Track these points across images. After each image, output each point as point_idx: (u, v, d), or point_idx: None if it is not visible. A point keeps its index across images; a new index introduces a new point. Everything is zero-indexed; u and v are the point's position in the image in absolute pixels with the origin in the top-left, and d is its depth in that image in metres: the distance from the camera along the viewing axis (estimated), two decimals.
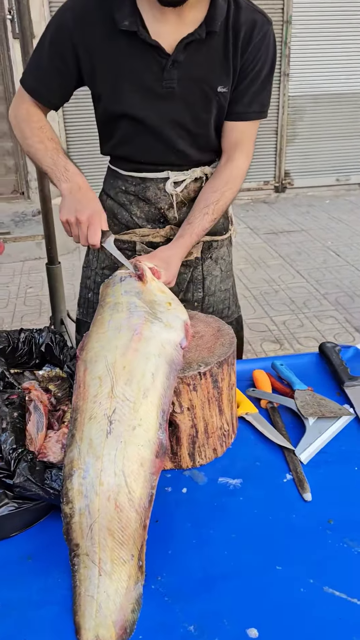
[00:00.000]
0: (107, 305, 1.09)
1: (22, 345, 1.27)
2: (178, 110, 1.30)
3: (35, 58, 1.32)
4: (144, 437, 0.82)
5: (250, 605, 0.78)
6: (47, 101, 1.34)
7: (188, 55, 1.25)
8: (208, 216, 1.35)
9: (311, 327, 3.39)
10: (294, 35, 5.53)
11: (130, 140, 1.35)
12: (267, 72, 1.34)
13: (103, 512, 0.76)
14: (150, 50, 1.24)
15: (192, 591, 0.81)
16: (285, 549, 0.87)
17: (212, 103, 1.31)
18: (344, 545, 0.88)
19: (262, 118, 1.39)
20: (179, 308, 1.10)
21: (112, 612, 0.73)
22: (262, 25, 1.28)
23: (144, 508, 0.77)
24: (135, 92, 1.27)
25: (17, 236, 4.82)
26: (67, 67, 1.28)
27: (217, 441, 1.07)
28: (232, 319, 1.60)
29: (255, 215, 5.61)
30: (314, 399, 1.20)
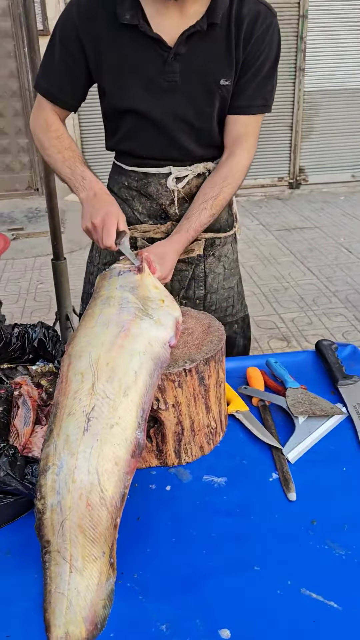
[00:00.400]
0: (100, 298, 1.08)
1: (15, 340, 1.27)
2: (181, 104, 1.30)
3: (46, 59, 1.33)
4: (121, 435, 0.82)
5: (225, 606, 0.77)
6: (62, 102, 1.35)
7: (190, 48, 1.24)
8: (206, 211, 1.33)
9: (320, 324, 3.35)
10: (310, 29, 5.46)
11: (133, 134, 1.35)
12: (271, 65, 1.32)
13: (74, 510, 0.75)
14: (152, 44, 1.23)
15: (168, 590, 0.80)
16: (265, 550, 0.86)
17: (215, 96, 1.30)
18: (325, 547, 0.86)
19: (266, 112, 1.37)
20: (172, 305, 1.08)
21: (82, 609, 0.73)
22: (265, 17, 1.26)
23: (116, 507, 0.77)
24: (138, 86, 1.27)
25: (29, 232, 4.86)
26: (76, 64, 1.28)
27: (203, 439, 1.06)
28: (237, 317, 1.58)
29: (269, 211, 5.56)
30: (306, 398, 1.18)
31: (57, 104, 1.35)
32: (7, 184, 5.64)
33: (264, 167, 5.96)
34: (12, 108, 5.35)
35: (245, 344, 1.63)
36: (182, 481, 1.01)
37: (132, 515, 0.93)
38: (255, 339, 3.21)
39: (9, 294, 3.86)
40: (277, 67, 1.35)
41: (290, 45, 5.49)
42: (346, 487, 0.98)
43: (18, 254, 4.54)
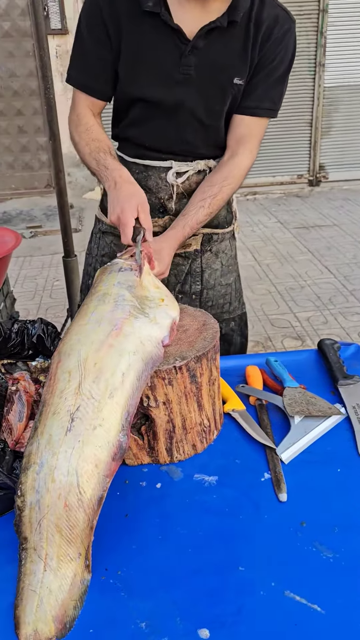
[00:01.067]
0: (96, 294, 1.08)
1: (14, 336, 1.29)
2: (192, 98, 1.29)
3: (75, 51, 1.33)
4: (103, 438, 0.81)
5: (206, 605, 0.77)
6: (96, 92, 1.33)
7: (208, 43, 1.24)
8: (204, 209, 1.33)
9: (335, 324, 3.30)
10: (330, 24, 5.37)
11: (140, 122, 1.34)
12: (284, 71, 1.32)
13: (52, 509, 0.75)
14: (171, 34, 1.23)
15: (150, 587, 0.80)
16: (251, 550, 0.85)
17: (227, 94, 1.30)
18: (313, 549, 0.84)
19: (272, 117, 1.37)
20: (171, 305, 1.07)
21: (52, 608, 0.73)
22: (284, 22, 1.27)
23: (93, 509, 0.76)
24: (152, 74, 1.27)
25: (47, 229, 4.90)
26: (105, 48, 1.28)
27: (196, 437, 1.05)
28: (234, 315, 1.57)
29: (287, 209, 5.50)
30: (304, 397, 1.16)
31: (93, 94, 1.33)
32: (26, 182, 5.71)
33: (283, 164, 5.90)
34: (31, 107, 5.41)
35: (242, 342, 1.61)
36: (173, 479, 1.00)
37: (120, 511, 0.93)
38: (269, 337, 3.19)
39: (26, 290, 3.90)
40: (289, 75, 1.35)
41: (310, 40, 5.42)
42: (339, 489, 0.96)
43: (35, 251, 4.59)
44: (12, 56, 5.26)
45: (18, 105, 5.43)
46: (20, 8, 5.04)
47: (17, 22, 5.13)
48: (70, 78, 1.34)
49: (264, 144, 1.42)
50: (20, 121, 5.50)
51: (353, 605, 0.76)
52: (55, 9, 4.94)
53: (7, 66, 5.28)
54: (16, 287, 3.92)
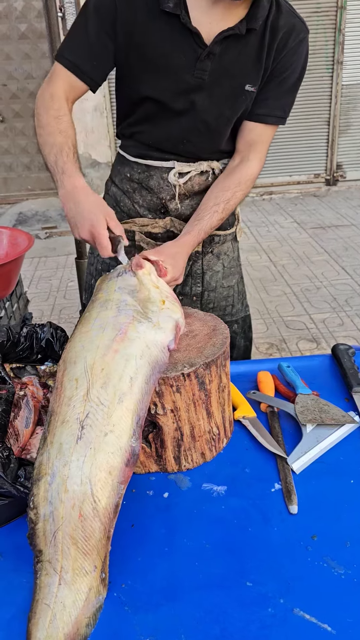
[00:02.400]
0: (98, 301, 1.06)
1: (23, 340, 1.27)
2: (203, 103, 1.28)
3: (75, 31, 1.24)
4: (115, 444, 0.79)
5: (211, 622, 0.74)
6: (87, 77, 1.25)
7: (224, 49, 1.23)
8: (217, 214, 1.32)
9: (352, 325, 3.25)
10: (349, 21, 5.29)
11: (147, 121, 1.32)
12: (296, 79, 1.32)
13: (67, 520, 0.74)
14: (188, 37, 1.21)
15: (154, 602, 0.78)
16: (259, 564, 0.82)
17: (238, 100, 1.29)
18: (324, 565, 0.82)
19: (281, 124, 1.37)
20: (173, 307, 1.05)
21: (65, 625, 0.71)
22: (299, 31, 1.26)
23: (109, 518, 0.74)
24: (165, 75, 1.25)
25: (62, 230, 4.92)
26: (109, 37, 1.22)
27: (205, 445, 1.03)
28: (237, 317, 1.55)
29: (304, 209, 5.44)
30: (317, 405, 1.13)
31: (80, 76, 1.24)
32: (42, 183, 5.73)
33: (300, 163, 5.83)
34: None
35: (246, 345, 1.60)
36: (180, 488, 0.98)
37: (126, 521, 0.91)
38: (283, 339, 3.15)
39: (40, 291, 3.91)
40: (301, 83, 1.34)
41: (328, 37, 5.34)
42: (352, 501, 0.93)
43: (51, 252, 4.60)
44: (29, 58, 5.28)
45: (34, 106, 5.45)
46: (36, 10, 5.06)
47: (33, 24, 5.16)
48: (62, 57, 1.24)
49: (280, 143, 1.43)
50: None
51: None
52: (71, 10, 4.94)
53: (24, 68, 5.31)
54: (31, 287, 3.93)
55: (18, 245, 2.03)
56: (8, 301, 2.15)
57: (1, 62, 5.28)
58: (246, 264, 4.17)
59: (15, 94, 5.41)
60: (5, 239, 2.08)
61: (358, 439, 1.08)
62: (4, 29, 5.18)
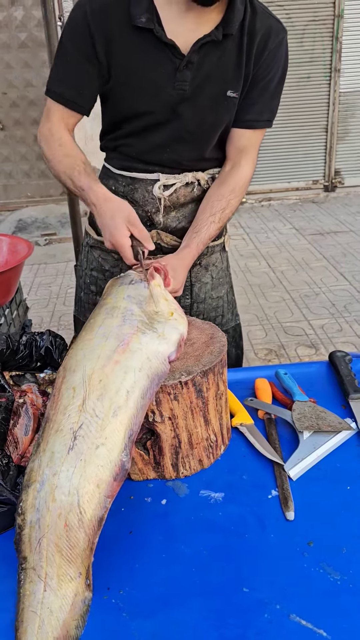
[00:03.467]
0: (105, 307, 1.07)
1: (23, 348, 1.28)
2: (186, 113, 1.27)
3: (58, 63, 1.27)
4: (106, 457, 0.80)
5: (208, 628, 0.75)
6: (75, 105, 1.28)
7: (202, 57, 1.22)
8: (214, 224, 1.33)
9: (350, 331, 3.26)
10: (346, 29, 5.34)
11: (130, 135, 1.32)
12: (279, 81, 1.32)
13: (52, 529, 0.74)
14: (164, 50, 1.21)
15: (152, 608, 0.78)
16: (256, 571, 0.83)
17: (220, 107, 1.29)
18: (320, 571, 0.82)
19: (269, 127, 1.37)
20: (180, 320, 1.06)
21: (54, 629, 0.71)
22: (277, 33, 1.26)
23: (93, 530, 0.75)
24: (145, 90, 1.24)
25: (62, 237, 4.94)
26: (90, 61, 1.23)
27: (202, 452, 1.03)
28: (227, 327, 1.55)
29: (302, 215, 5.47)
30: (314, 412, 1.14)
31: (70, 107, 1.27)
32: (42, 190, 5.76)
33: (299, 170, 5.86)
34: None
35: (238, 354, 1.60)
36: (178, 495, 0.99)
37: (125, 528, 0.92)
38: (282, 345, 3.16)
39: (40, 298, 3.93)
40: (284, 83, 1.34)
41: (325, 45, 5.39)
42: (349, 508, 0.94)
43: (50, 258, 4.62)
44: (29, 66, 5.32)
45: (34, 114, 5.49)
46: (36, 19, 5.11)
47: (33, 33, 5.20)
48: (50, 91, 1.28)
49: (279, 149, 1.44)
50: (36, 130, 5.53)
51: None
52: None
53: (24, 76, 5.35)
54: (30, 294, 3.94)
55: (18, 252, 2.04)
56: (8, 308, 2.16)
57: (1, 70, 5.32)
58: (245, 270, 4.18)
59: (15, 102, 5.44)
60: (5, 247, 2.10)
61: (355, 446, 1.09)
62: (4, 38, 5.22)
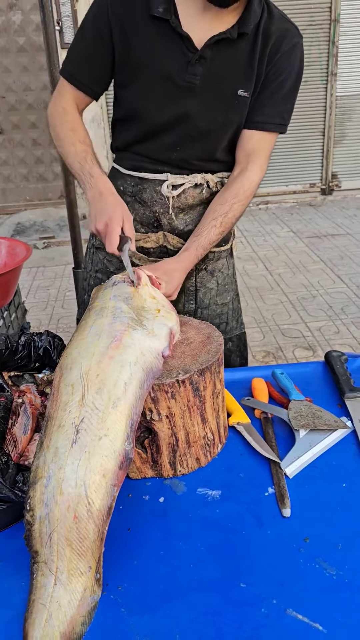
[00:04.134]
0: (94, 309, 1.09)
1: (21, 349, 1.29)
2: (195, 108, 1.28)
3: (74, 44, 1.29)
4: (109, 447, 0.81)
5: (206, 622, 0.76)
6: (86, 87, 1.30)
7: (215, 53, 1.23)
8: (216, 229, 1.32)
9: (347, 333, 3.28)
10: (342, 34, 5.38)
11: (140, 130, 1.33)
12: (292, 85, 1.31)
13: (62, 522, 0.75)
14: (178, 42, 1.22)
15: (150, 603, 0.79)
16: (253, 566, 0.84)
17: (230, 105, 1.29)
18: (316, 566, 0.83)
19: (281, 132, 1.36)
20: (168, 315, 1.07)
21: (61, 623, 0.72)
22: (292, 36, 1.27)
23: (103, 520, 0.76)
24: (156, 81, 1.25)
25: (60, 240, 4.95)
26: (106, 47, 1.25)
27: (200, 450, 1.05)
28: (231, 335, 1.55)
29: (300, 218, 5.49)
30: (310, 410, 1.15)
31: (81, 89, 1.30)
32: (40, 194, 5.78)
33: (296, 173, 5.89)
34: (45, 120, 5.48)
35: (242, 363, 1.59)
36: (176, 493, 1.00)
37: (123, 525, 0.93)
38: (280, 347, 3.17)
39: (38, 301, 3.94)
40: (298, 90, 1.33)
41: (322, 50, 5.43)
42: (344, 504, 0.95)
43: (49, 261, 4.63)
44: (27, 70, 5.35)
45: (32, 118, 5.52)
46: (34, 23, 5.14)
47: (31, 37, 5.23)
48: (63, 70, 1.31)
49: (276, 153, 1.42)
50: (34, 134, 5.58)
51: (355, 624, 0.75)
52: (69, 23, 5.02)
53: (22, 80, 5.38)
54: (29, 297, 3.96)
55: (16, 255, 2.05)
56: (6, 311, 2.17)
57: (0, 74, 5.34)
58: (243, 273, 4.20)
59: (13, 106, 5.47)
60: (3, 249, 2.11)
61: (350, 443, 1.10)
62: (3, 42, 5.25)
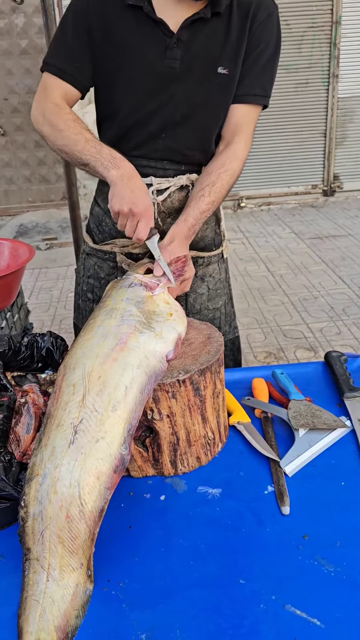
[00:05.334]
0: (104, 308, 1.09)
1: (24, 349, 1.31)
2: (177, 93, 1.27)
3: (57, 39, 1.27)
4: (105, 450, 0.82)
5: (206, 618, 0.77)
6: (76, 81, 1.26)
7: (192, 35, 1.24)
8: (204, 198, 1.27)
9: (349, 334, 3.28)
10: (344, 35, 5.39)
11: (123, 124, 1.31)
12: (271, 55, 1.31)
13: (54, 520, 0.77)
14: (155, 28, 1.23)
15: (151, 599, 0.80)
16: (252, 563, 0.85)
17: (211, 84, 1.28)
18: (314, 563, 0.85)
19: (263, 104, 1.34)
20: (179, 320, 1.09)
21: (55, 617, 0.74)
22: (267, 6, 1.28)
23: (94, 521, 0.78)
24: (137, 69, 1.25)
25: (63, 242, 4.97)
26: (90, 39, 1.24)
27: (200, 449, 1.06)
28: (225, 339, 1.54)
29: (302, 219, 5.50)
30: (309, 410, 1.16)
31: (70, 82, 1.26)
32: (43, 195, 5.80)
33: (297, 174, 5.90)
34: None
35: (236, 367, 1.60)
36: (176, 491, 1.01)
37: (124, 523, 0.94)
38: (281, 348, 3.18)
39: (41, 302, 3.96)
40: (277, 60, 1.33)
41: (323, 51, 5.44)
42: (343, 503, 0.96)
43: (51, 263, 4.65)
44: (30, 73, 5.38)
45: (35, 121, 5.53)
46: (37, 26, 5.16)
47: (34, 40, 5.26)
48: (47, 65, 1.26)
49: (278, 154, 1.41)
50: (36, 135, 5.60)
51: (353, 619, 0.76)
52: None
53: (25, 82, 5.41)
54: (31, 298, 3.97)
55: (19, 256, 2.07)
56: (9, 312, 2.18)
57: (3, 76, 5.37)
58: (244, 274, 4.21)
59: (16, 108, 5.50)
60: (6, 251, 2.12)
61: (349, 443, 1.11)
62: (6, 45, 5.28)
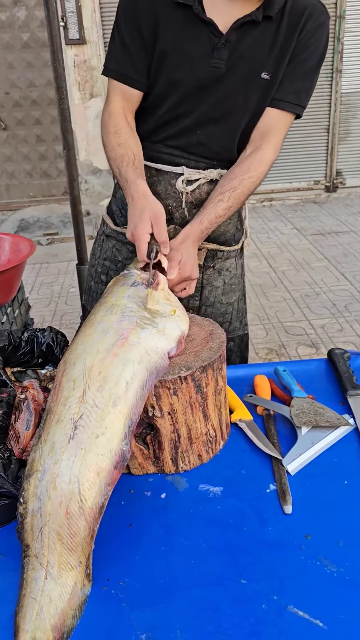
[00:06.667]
0: (105, 305, 1.08)
1: (24, 345, 1.30)
2: (219, 92, 1.27)
3: (112, 43, 1.30)
4: (105, 446, 0.81)
5: (207, 618, 0.76)
6: (134, 82, 1.29)
7: (240, 36, 1.23)
8: (222, 203, 1.28)
9: (351, 331, 3.27)
10: (347, 30, 5.36)
11: (163, 116, 1.31)
12: (313, 65, 1.29)
13: (53, 517, 0.76)
14: (203, 27, 1.22)
15: (151, 599, 0.79)
16: (254, 562, 0.84)
17: (252, 88, 1.27)
18: (317, 563, 0.83)
19: (297, 113, 1.32)
20: (182, 318, 1.07)
21: (52, 616, 0.73)
22: (319, 15, 1.25)
23: (94, 518, 0.76)
24: (182, 67, 1.25)
25: (64, 237, 4.95)
26: (141, 37, 1.25)
27: (202, 447, 1.05)
28: (233, 335, 1.55)
29: (304, 215, 5.48)
30: (312, 408, 1.15)
31: (129, 83, 1.29)
32: (44, 190, 5.78)
33: (300, 170, 5.87)
34: (49, 116, 5.48)
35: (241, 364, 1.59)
36: (177, 489, 1.00)
37: (124, 521, 0.93)
38: (283, 345, 3.17)
39: (42, 297, 3.94)
40: (319, 71, 1.31)
41: None
42: (345, 502, 0.95)
43: (52, 258, 4.63)
44: (31, 66, 5.34)
45: (36, 114, 5.52)
46: (39, 19, 5.13)
47: (36, 33, 5.22)
48: (107, 69, 1.31)
49: (281, 150, 1.38)
50: (38, 130, 5.58)
51: (356, 621, 0.75)
52: (73, 19, 5.01)
53: (26, 76, 5.38)
54: (32, 293, 3.96)
55: (20, 251, 2.06)
56: (10, 307, 2.17)
57: (4, 70, 5.34)
58: (246, 270, 4.17)
59: (17, 102, 5.47)
60: (7, 246, 2.11)
61: (352, 441, 1.10)
62: (7, 38, 5.24)
